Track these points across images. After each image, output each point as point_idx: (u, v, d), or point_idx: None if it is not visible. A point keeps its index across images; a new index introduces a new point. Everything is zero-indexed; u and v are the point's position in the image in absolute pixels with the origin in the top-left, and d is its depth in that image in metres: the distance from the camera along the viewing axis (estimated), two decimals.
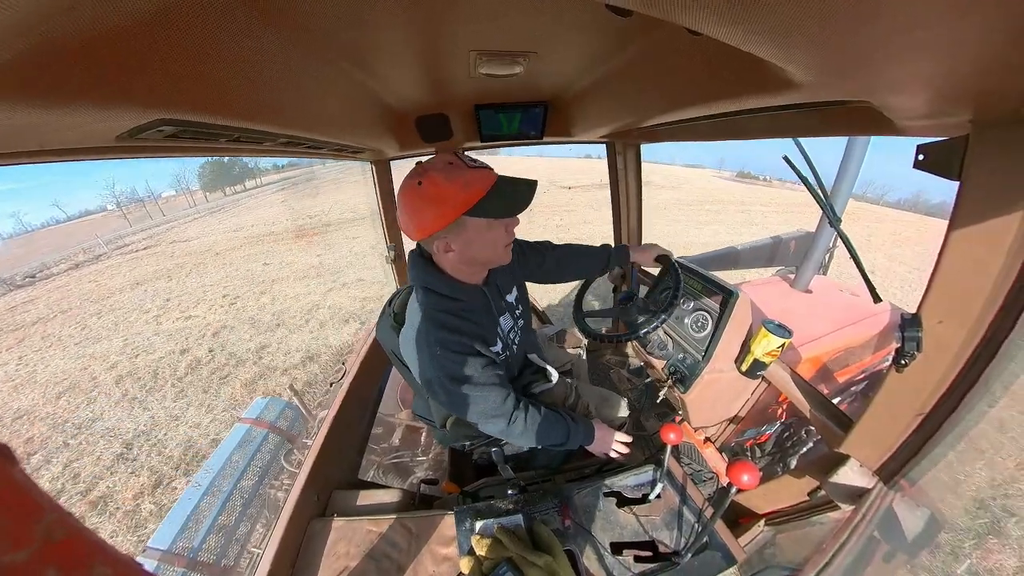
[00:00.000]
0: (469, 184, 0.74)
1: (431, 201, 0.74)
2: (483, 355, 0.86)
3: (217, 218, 21.71)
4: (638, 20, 0.44)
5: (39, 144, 0.46)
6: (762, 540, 1.07)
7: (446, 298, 0.85)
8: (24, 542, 0.11)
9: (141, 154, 0.60)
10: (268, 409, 2.27)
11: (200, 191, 57.23)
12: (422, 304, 0.85)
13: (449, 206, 0.74)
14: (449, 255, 0.82)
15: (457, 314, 0.84)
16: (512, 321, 1.05)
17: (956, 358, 0.59)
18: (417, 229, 0.78)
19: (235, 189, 46.65)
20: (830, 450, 0.85)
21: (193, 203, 37.12)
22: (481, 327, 0.89)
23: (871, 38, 0.32)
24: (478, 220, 0.77)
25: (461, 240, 0.79)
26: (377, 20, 0.53)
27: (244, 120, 0.60)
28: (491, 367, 0.86)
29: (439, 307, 0.84)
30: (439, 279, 0.86)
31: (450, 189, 0.73)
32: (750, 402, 1.28)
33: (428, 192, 0.74)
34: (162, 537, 1.63)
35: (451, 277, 0.86)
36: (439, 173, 0.74)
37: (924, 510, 0.70)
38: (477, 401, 0.84)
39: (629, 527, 0.92)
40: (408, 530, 0.98)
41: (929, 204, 60.64)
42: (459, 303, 0.86)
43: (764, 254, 3.20)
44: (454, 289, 0.86)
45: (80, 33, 0.29)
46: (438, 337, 0.82)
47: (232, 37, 0.42)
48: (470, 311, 0.88)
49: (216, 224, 19.09)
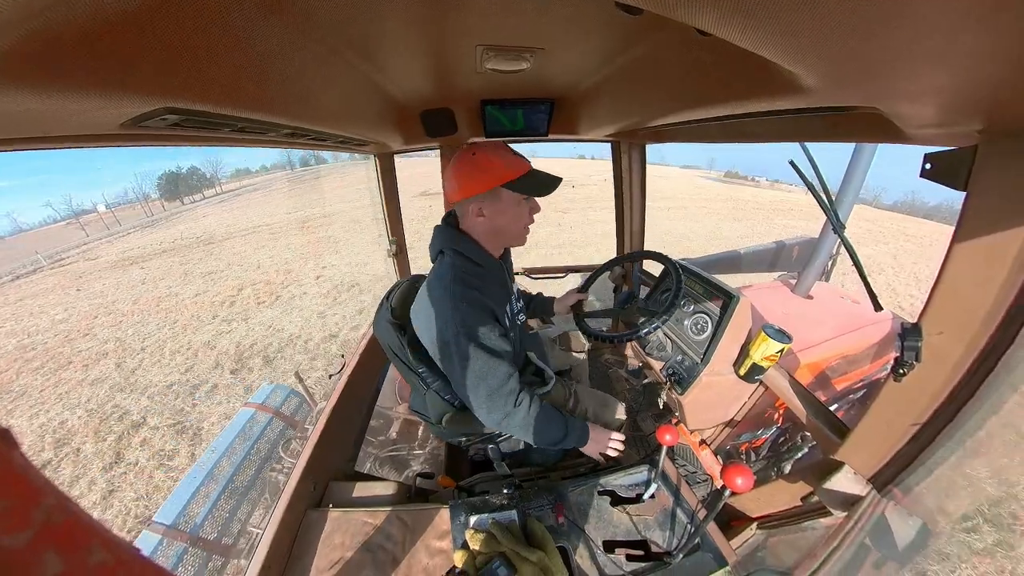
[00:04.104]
0: (511, 164, 0.89)
1: (479, 167, 0.88)
2: (499, 322, 0.92)
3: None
4: (647, 19, 0.44)
5: (43, 131, 0.46)
6: (754, 543, 1.07)
7: (473, 263, 0.94)
8: (23, 525, 0.11)
9: (145, 142, 0.60)
10: (274, 395, 2.31)
11: (158, 200, 56.09)
12: (451, 265, 0.91)
13: (492, 174, 0.88)
14: (479, 220, 0.92)
15: (482, 277, 0.93)
16: (518, 306, 1.09)
17: (954, 370, 0.59)
18: (460, 189, 0.90)
19: (193, 198, 46.56)
20: (825, 456, 0.85)
21: (150, 213, 36.80)
22: (498, 298, 0.96)
23: (881, 46, 0.31)
24: (512, 194, 0.90)
25: (494, 208, 0.91)
26: (384, 12, 0.52)
27: (249, 110, 0.60)
28: (504, 339, 0.91)
29: (466, 269, 0.92)
30: (468, 243, 0.95)
31: (497, 162, 0.88)
32: (747, 406, 1.28)
33: (479, 160, 0.88)
34: (166, 512, 1.67)
35: (478, 244, 0.95)
36: (490, 147, 0.89)
37: (916, 519, 0.71)
38: (487, 372, 0.86)
39: (622, 526, 0.93)
40: (403, 523, 0.99)
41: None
42: (483, 269, 0.95)
43: (766, 258, 3.19)
44: (480, 255, 0.95)
45: (85, 20, 0.29)
46: (463, 293, 0.88)
47: (239, 26, 0.42)
48: (492, 279, 0.96)
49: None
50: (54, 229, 43.22)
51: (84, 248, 18.52)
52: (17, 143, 0.47)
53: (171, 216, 27.49)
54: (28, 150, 0.50)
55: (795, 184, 1.61)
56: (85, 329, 6.51)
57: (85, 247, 18.83)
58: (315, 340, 4.77)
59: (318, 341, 4.74)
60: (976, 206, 0.51)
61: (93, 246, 18.71)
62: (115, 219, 32.24)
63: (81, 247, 19.09)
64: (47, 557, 0.12)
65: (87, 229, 28.90)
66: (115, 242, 18.69)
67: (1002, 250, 0.50)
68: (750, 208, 16.50)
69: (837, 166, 1.90)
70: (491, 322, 0.89)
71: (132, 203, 56.14)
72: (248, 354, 4.65)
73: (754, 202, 18.81)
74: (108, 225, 29.22)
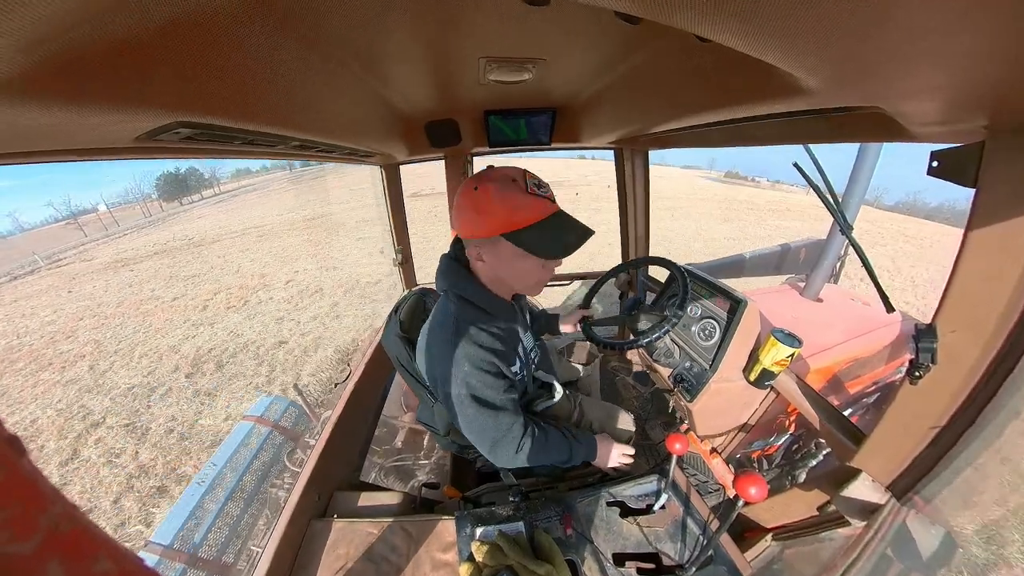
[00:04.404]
0: (517, 209, 0.73)
1: (476, 209, 0.75)
2: (506, 377, 0.84)
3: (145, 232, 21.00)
4: (646, 27, 0.45)
5: (61, 144, 0.48)
6: (769, 555, 1.04)
7: (480, 310, 0.83)
8: (29, 532, 0.11)
9: (158, 155, 0.62)
10: (272, 408, 2.29)
11: (156, 201, 57.04)
12: (455, 314, 0.82)
13: (490, 222, 0.74)
14: (480, 264, 0.82)
15: (489, 330, 0.82)
16: (532, 340, 1.03)
17: (972, 370, 0.57)
18: (459, 226, 0.80)
19: (191, 199, 47.58)
20: (841, 464, 0.83)
21: (149, 213, 37.30)
22: (508, 346, 0.86)
23: (881, 45, 0.31)
24: (512, 246, 0.75)
25: (492, 256, 0.79)
26: (390, 27, 0.54)
27: (259, 123, 0.62)
28: (510, 391, 0.84)
29: (472, 320, 0.81)
30: (474, 288, 0.84)
31: (497, 206, 0.73)
32: (758, 413, 1.25)
33: (479, 200, 0.74)
34: (164, 533, 1.65)
35: (485, 287, 0.85)
36: (495, 185, 0.73)
37: (939, 528, 0.68)
38: (489, 425, 0.82)
39: (632, 538, 0.90)
40: (408, 534, 0.97)
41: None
42: (491, 317, 0.84)
43: (773, 262, 3.16)
44: (488, 301, 0.84)
45: (107, 38, 0.30)
46: (467, 353, 0.79)
47: (251, 42, 0.43)
48: (501, 328, 0.85)
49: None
50: (54, 229, 44.20)
51: (81, 249, 18.79)
52: (36, 155, 0.49)
53: (168, 217, 28.02)
54: (45, 162, 0.52)
55: (796, 184, 1.60)
56: (69, 331, 6.69)
57: (83, 248, 19.13)
58: (266, 347, 4.93)
59: (268, 347, 4.91)
60: (986, 202, 0.51)
61: (90, 247, 19.00)
62: (113, 220, 32.67)
63: (79, 248, 19.38)
64: (51, 565, 0.12)
65: (85, 229, 29.24)
66: (111, 243, 19.00)
67: (1016, 246, 0.49)
68: (744, 208, 16.43)
69: (841, 169, 1.89)
70: (497, 378, 0.81)
71: (132, 203, 57.14)
72: (205, 359, 4.83)
73: (749, 202, 18.76)
74: (107, 226, 29.41)
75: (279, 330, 5.37)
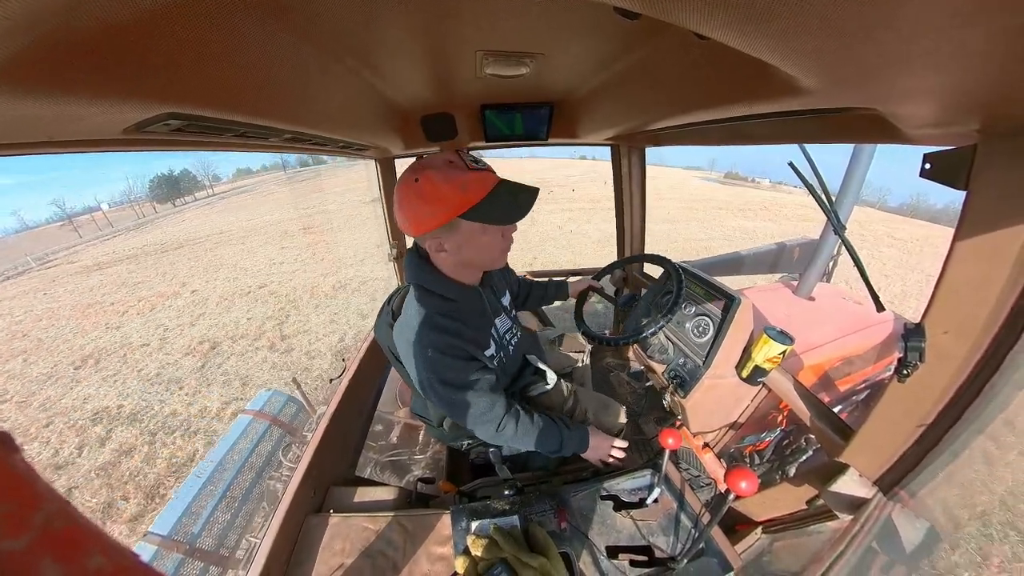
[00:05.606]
0: (467, 186, 0.73)
1: (426, 200, 0.73)
2: (476, 359, 0.85)
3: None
4: (645, 23, 0.44)
5: (47, 136, 0.47)
6: (759, 548, 1.06)
7: (441, 298, 0.84)
8: (22, 529, 0.11)
9: (147, 147, 0.61)
10: (271, 402, 2.29)
11: (149, 202, 56.53)
12: (418, 303, 0.84)
13: (444, 207, 0.73)
14: (442, 255, 0.81)
15: (451, 316, 0.83)
16: (510, 323, 1.04)
17: (959, 369, 0.58)
18: (412, 225, 0.78)
19: (184, 200, 47.28)
20: (829, 459, 0.85)
21: (141, 215, 37.10)
22: (475, 330, 0.88)
23: (876, 47, 0.32)
24: (472, 224, 0.75)
25: (453, 241, 0.78)
26: (385, 18, 0.53)
27: (251, 115, 0.61)
28: (483, 371, 0.85)
29: (434, 308, 0.83)
30: (435, 278, 0.85)
31: (446, 189, 0.72)
32: (750, 409, 1.27)
33: (424, 190, 0.72)
34: (163, 523, 1.65)
35: (447, 277, 0.85)
36: (437, 172, 0.72)
37: (923, 522, 0.70)
38: (467, 405, 0.83)
39: (625, 531, 0.92)
40: (404, 528, 0.98)
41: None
42: (454, 304, 0.85)
43: (767, 260, 3.19)
44: (449, 289, 0.85)
45: (92, 26, 0.29)
46: (432, 339, 0.81)
47: (242, 32, 0.42)
48: (465, 313, 0.87)
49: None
50: (51, 229, 43.97)
51: (72, 250, 19.17)
52: (24, 147, 0.48)
53: (157, 219, 28.66)
54: (33, 154, 0.51)
55: (798, 186, 1.63)
56: (27, 331, 7.43)
57: (73, 249, 19.52)
58: (135, 350, 5.76)
59: (134, 349, 5.79)
60: (977, 205, 0.51)
61: (80, 248, 19.47)
62: (107, 221, 32.43)
63: (70, 249, 19.69)
64: (45, 562, 0.12)
65: (80, 231, 29.14)
66: (100, 245, 19.33)
67: (1004, 248, 0.50)
68: (736, 208, 16.59)
69: (837, 169, 1.90)
70: (466, 361, 0.83)
71: (131, 204, 56.53)
72: (92, 356, 5.77)
73: (746, 202, 18.91)
74: (101, 227, 29.44)
75: (163, 335, 6.16)
